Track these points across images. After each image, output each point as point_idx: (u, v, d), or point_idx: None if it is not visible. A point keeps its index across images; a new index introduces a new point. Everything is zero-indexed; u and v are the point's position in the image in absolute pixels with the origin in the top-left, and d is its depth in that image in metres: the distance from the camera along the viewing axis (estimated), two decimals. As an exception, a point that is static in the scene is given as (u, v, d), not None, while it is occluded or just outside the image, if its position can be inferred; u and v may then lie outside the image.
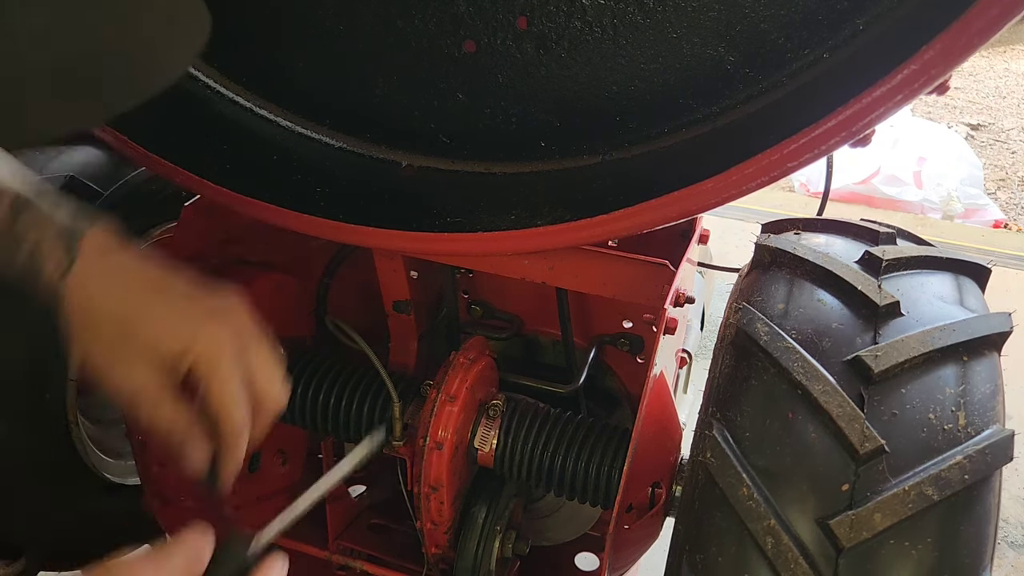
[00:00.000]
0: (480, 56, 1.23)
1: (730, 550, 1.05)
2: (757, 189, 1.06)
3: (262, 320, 1.09)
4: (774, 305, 1.22)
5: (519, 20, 1.19)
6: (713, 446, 1.10)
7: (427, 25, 1.23)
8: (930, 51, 0.92)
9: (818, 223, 1.47)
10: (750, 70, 1.13)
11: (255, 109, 1.43)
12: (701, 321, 2.45)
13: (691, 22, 1.12)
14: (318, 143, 1.43)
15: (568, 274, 1.52)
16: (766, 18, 1.09)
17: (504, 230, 1.26)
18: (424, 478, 1.47)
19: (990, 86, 8.81)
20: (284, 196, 1.37)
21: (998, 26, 0.89)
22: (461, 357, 1.53)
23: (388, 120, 1.38)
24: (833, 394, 1.07)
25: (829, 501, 1.02)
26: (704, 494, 1.10)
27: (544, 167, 1.31)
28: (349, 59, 1.33)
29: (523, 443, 1.52)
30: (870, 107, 0.96)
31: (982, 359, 1.14)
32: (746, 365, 1.16)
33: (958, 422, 1.06)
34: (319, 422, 1.64)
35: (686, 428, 1.57)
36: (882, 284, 1.22)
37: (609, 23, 1.15)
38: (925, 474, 1.01)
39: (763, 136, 1.04)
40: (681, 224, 1.60)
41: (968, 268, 1.33)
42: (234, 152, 1.40)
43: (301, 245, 1.85)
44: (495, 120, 1.30)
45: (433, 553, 1.58)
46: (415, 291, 1.81)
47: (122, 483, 1.71)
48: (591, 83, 1.21)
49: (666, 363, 1.49)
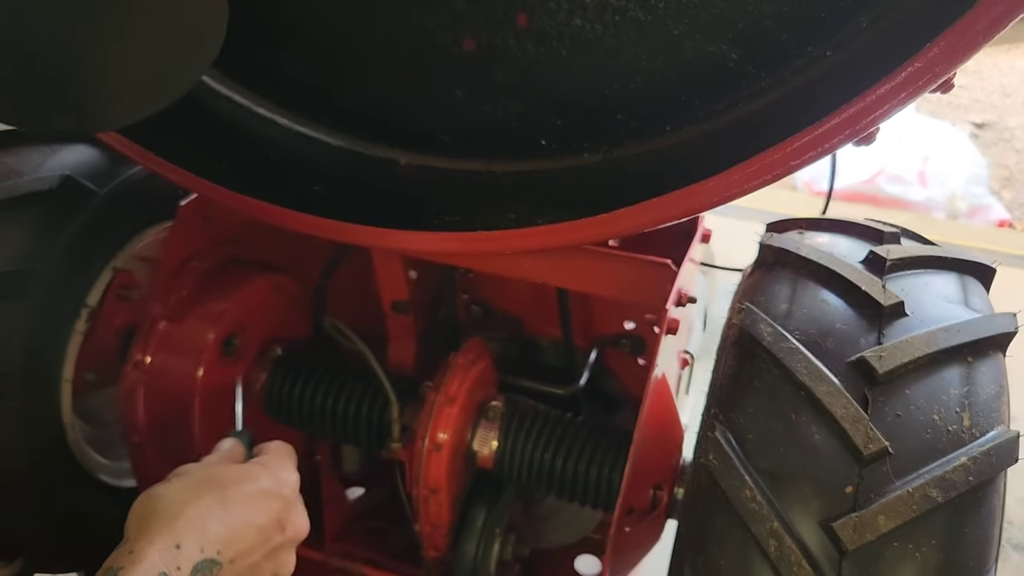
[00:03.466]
0: (480, 54, 1.22)
1: (733, 553, 1.04)
2: (760, 188, 1.05)
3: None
4: (777, 305, 1.21)
5: (519, 18, 1.17)
6: (716, 448, 1.10)
7: (426, 23, 1.22)
8: (934, 48, 0.91)
9: (822, 222, 1.46)
10: (753, 68, 1.12)
11: (252, 107, 1.42)
12: (703, 321, 2.44)
13: (693, 19, 1.11)
14: (316, 142, 1.42)
15: (569, 274, 1.51)
16: (769, 15, 1.08)
17: (504, 229, 1.25)
18: (423, 480, 1.46)
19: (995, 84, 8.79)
20: (282, 195, 1.37)
21: (1003, 23, 0.88)
22: (460, 358, 1.52)
23: (387, 119, 1.37)
24: (837, 395, 1.06)
25: (833, 503, 1.01)
26: (706, 496, 1.09)
27: (545, 166, 1.30)
28: (347, 57, 1.32)
29: (523, 445, 1.51)
30: (874, 105, 0.95)
31: (987, 360, 1.13)
32: (749, 366, 1.15)
33: (963, 423, 1.06)
34: (316, 424, 1.63)
35: (688, 430, 1.55)
36: (886, 284, 1.21)
37: (610, 20, 1.14)
38: (929, 476, 1.00)
39: (766, 134, 1.03)
40: (683, 223, 1.58)
41: (973, 268, 1.32)
42: (231, 150, 1.39)
43: (299, 244, 1.85)
44: (495, 118, 1.28)
45: (432, 556, 1.58)
46: (414, 291, 1.80)
47: (118, 485, 1.70)
48: (592, 81, 1.20)
49: (668, 364, 1.49)
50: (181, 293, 1.56)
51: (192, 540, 0.92)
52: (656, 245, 1.56)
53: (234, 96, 1.42)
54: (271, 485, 1.05)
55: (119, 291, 1.60)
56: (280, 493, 1.06)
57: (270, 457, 1.13)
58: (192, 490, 0.98)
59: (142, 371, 1.52)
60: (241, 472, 1.05)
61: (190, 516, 0.94)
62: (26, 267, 1.43)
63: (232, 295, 1.58)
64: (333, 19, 1.28)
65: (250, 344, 1.62)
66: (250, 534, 0.99)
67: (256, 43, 1.36)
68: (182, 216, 1.57)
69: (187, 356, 1.53)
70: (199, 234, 1.61)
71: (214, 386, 1.55)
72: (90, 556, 1.72)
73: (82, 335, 1.54)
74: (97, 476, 1.66)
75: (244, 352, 1.61)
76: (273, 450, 1.16)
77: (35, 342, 1.45)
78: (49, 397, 1.51)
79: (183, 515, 0.94)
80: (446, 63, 1.25)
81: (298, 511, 1.09)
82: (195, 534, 0.93)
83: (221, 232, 1.66)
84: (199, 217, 1.60)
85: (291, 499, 1.08)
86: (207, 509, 0.96)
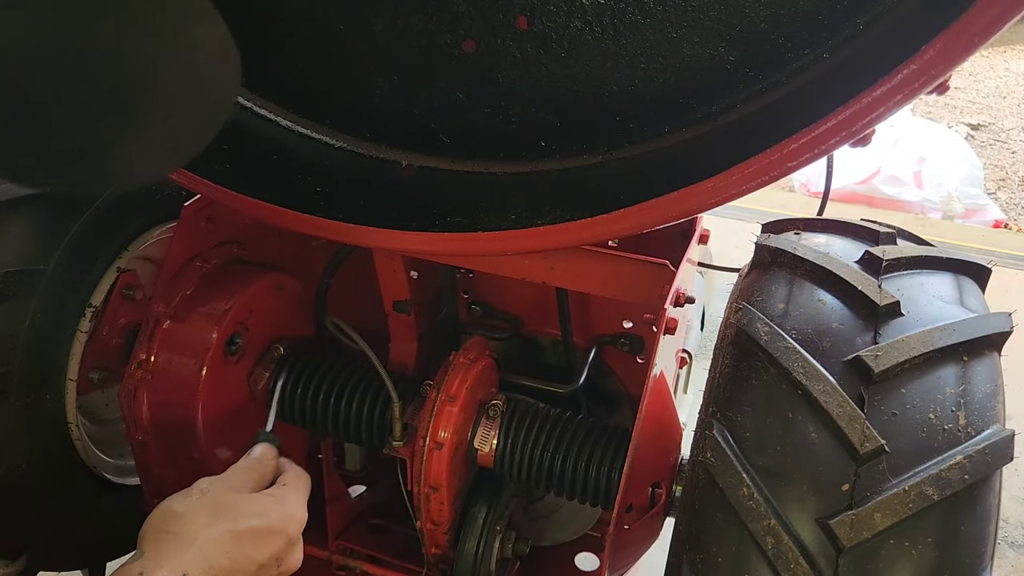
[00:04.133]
0: (480, 56, 1.23)
1: (730, 550, 1.05)
2: (757, 189, 1.06)
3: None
4: (774, 305, 1.22)
5: (519, 20, 1.18)
6: (713, 446, 1.11)
7: (427, 25, 1.23)
8: (930, 51, 0.91)
9: (818, 223, 1.47)
10: (750, 70, 1.13)
11: (255, 109, 1.42)
12: (701, 321, 2.45)
13: (691, 22, 1.12)
14: (318, 143, 1.43)
15: (568, 274, 1.52)
16: (766, 18, 1.09)
17: (504, 230, 1.26)
18: (424, 478, 1.47)
19: (990, 86, 8.80)
20: (284, 196, 1.37)
21: (998, 26, 0.89)
22: (461, 357, 1.53)
23: (388, 120, 1.38)
24: (833, 394, 1.07)
25: (829, 501, 1.02)
26: (704, 494, 1.10)
27: (544, 167, 1.31)
28: (349, 59, 1.33)
29: (523, 443, 1.52)
30: (870, 107, 0.96)
31: (982, 359, 1.14)
32: (746, 365, 1.16)
33: (958, 422, 1.06)
34: (319, 422, 1.64)
35: (686, 428, 1.56)
36: (882, 284, 1.22)
37: (609, 23, 1.15)
38: (925, 474, 1.01)
39: (763, 136, 1.04)
40: (681, 224, 1.60)
41: (968, 268, 1.33)
42: (234, 152, 1.39)
43: (301, 245, 1.85)
44: (495, 120, 1.29)
45: (433, 553, 1.58)
46: (415, 291, 1.81)
47: (122, 483, 1.71)
48: (591, 83, 1.21)
49: (666, 363, 1.49)
50: (185, 293, 1.57)
51: (198, 571, 0.99)
52: (654, 245, 1.56)
53: (237, 98, 1.42)
54: (280, 523, 1.11)
55: (123, 291, 1.60)
56: (286, 531, 1.12)
57: (287, 492, 1.18)
58: (209, 515, 1.05)
59: (146, 370, 1.53)
60: (257, 507, 1.11)
61: (201, 546, 1.01)
62: (31, 267, 1.43)
63: (235, 295, 1.59)
64: (335, 21, 1.29)
65: (253, 343, 1.63)
66: (250, 568, 1.06)
67: (259, 45, 1.37)
68: (186, 217, 1.58)
69: (190, 355, 1.54)
70: (202, 234, 1.62)
71: (217, 385, 1.56)
72: (93, 554, 1.74)
73: (86, 335, 1.55)
74: (101, 474, 1.66)
75: (247, 351, 1.62)
76: (291, 481, 1.21)
77: (40, 341, 1.46)
78: (53, 396, 1.52)
79: (195, 544, 1.01)
80: (447, 64, 1.26)
81: (296, 548, 1.16)
82: (201, 565, 1.00)
83: (224, 232, 1.67)
84: (202, 218, 1.61)
85: (294, 538, 1.15)
86: (218, 540, 1.03)
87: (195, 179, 1.39)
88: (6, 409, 1.44)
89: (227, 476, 1.15)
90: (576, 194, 1.26)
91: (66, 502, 1.60)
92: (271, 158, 1.42)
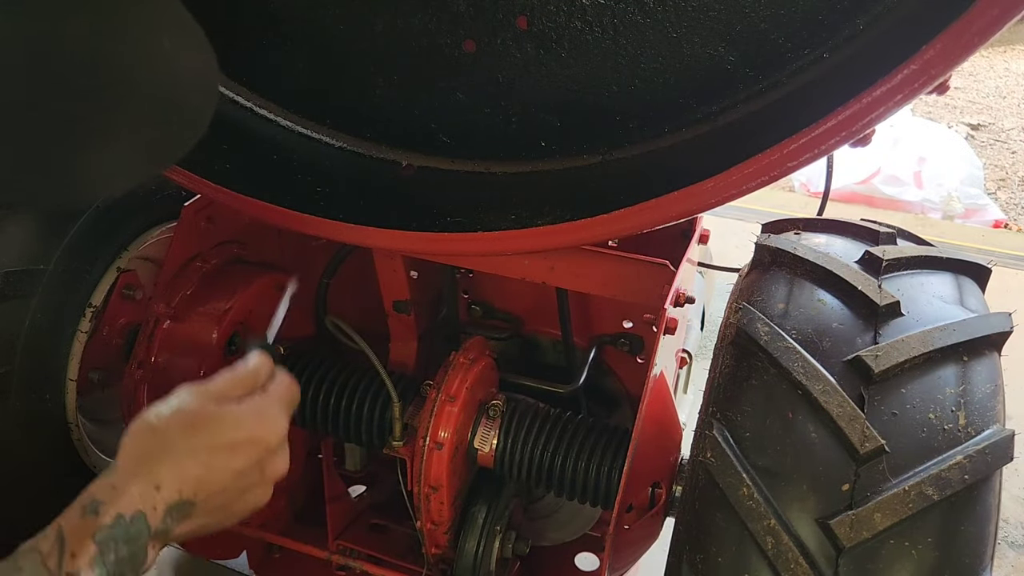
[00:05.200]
0: (480, 56, 1.23)
1: (730, 550, 1.05)
2: (757, 189, 1.06)
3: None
4: (774, 305, 1.22)
5: (519, 20, 1.18)
6: (713, 446, 1.10)
7: (427, 25, 1.23)
8: (930, 51, 0.92)
9: (818, 223, 1.47)
10: (750, 70, 1.13)
11: (255, 109, 1.43)
12: (701, 321, 2.45)
13: (691, 22, 1.12)
14: (318, 143, 1.43)
15: (568, 274, 1.52)
16: (766, 18, 1.09)
17: (504, 230, 1.26)
18: (424, 478, 1.47)
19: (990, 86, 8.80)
20: (284, 196, 1.37)
21: (998, 26, 0.89)
22: (461, 357, 1.53)
23: (388, 120, 1.38)
24: (833, 394, 1.07)
25: (829, 501, 1.02)
26: (704, 494, 1.10)
27: (544, 167, 1.31)
28: (349, 59, 1.33)
29: (523, 443, 1.52)
30: (870, 107, 0.96)
31: (982, 359, 1.14)
32: (746, 365, 1.16)
33: (958, 422, 1.06)
34: (319, 422, 1.64)
35: (686, 428, 1.57)
36: (882, 284, 1.22)
37: (609, 23, 1.15)
38: (925, 474, 1.01)
39: (763, 136, 1.04)
40: (681, 224, 1.60)
41: (968, 268, 1.33)
42: (234, 152, 1.40)
43: (301, 244, 1.85)
44: (495, 120, 1.29)
45: (433, 553, 1.59)
46: (415, 291, 1.81)
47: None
48: (591, 83, 1.21)
49: (666, 363, 1.49)
50: (185, 293, 1.57)
51: (172, 482, 0.97)
52: (654, 246, 1.56)
53: (237, 98, 1.43)
54: (260, 433, 1.08)
55: (123, 291, 1.60)
56: (265, 441, 1.09)
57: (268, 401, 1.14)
58: (185, 428, 1.02)
59: (146, 370, 1.53)
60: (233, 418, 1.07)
61: (176, 458, 0.99)
62: (31, 267, 1.44)
63: (235, 295, 1.59)
64: (335, 21, 1.29)
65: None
66: (227, 477, 1.04)
67: (259, 45, 1.37)
68: (186, 217, 1.58)
69: (191, 355, 1.54)
70: (202, 234, 1.62)
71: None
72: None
73: (86, 335, 1.55)
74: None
75: (247, 351, 1.62)
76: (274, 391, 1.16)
77: (40, 342, 1.46)
78: (54, 396, 1.52)
79: (169, 456, 0.99)
80: (447, 64, 1.26)
81: (279, 455, 1.12)
82: (176, 476, 0.98)
83: (224, 232, 1.67)
84: (202, 218, 1.61)
85: (274, 446, 1.11)
86: (193, 451, 1.01)
87: (195, 179, 1.39)
88: (6, 409, 1.44)
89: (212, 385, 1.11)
90: (576, 194, 1.26)
91: (66, 502, 1.60)
92: (271, 158, 1.42)
